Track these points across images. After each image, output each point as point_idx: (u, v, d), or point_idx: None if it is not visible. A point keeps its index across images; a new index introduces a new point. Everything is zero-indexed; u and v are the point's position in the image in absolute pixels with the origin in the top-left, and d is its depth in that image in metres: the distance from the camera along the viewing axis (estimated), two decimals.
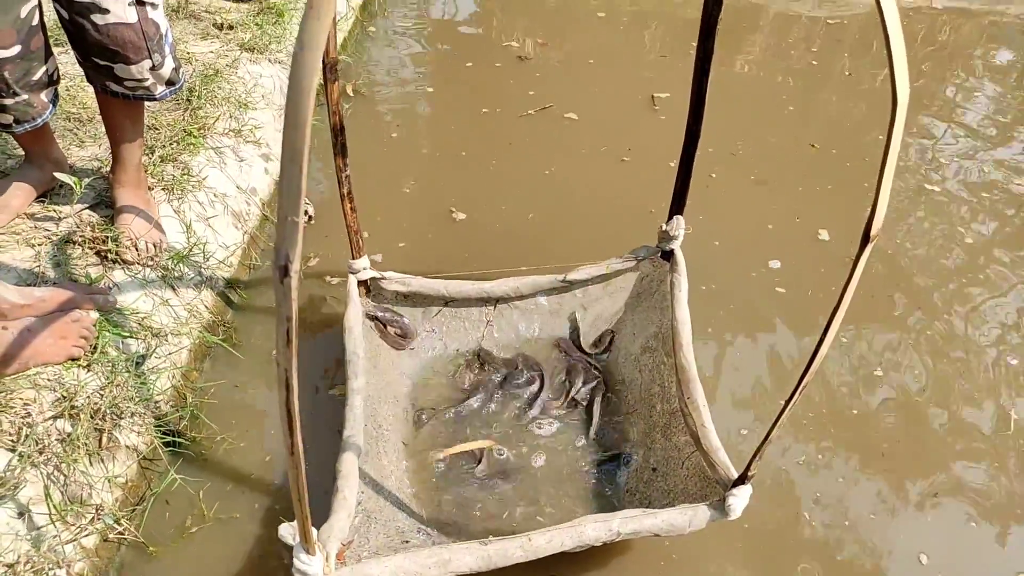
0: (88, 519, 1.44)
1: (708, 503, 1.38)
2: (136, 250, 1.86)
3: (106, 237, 1.84)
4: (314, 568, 1.11)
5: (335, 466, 1.39)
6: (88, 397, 1.55)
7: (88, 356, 1.62)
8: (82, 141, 2.21)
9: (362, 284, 1.83)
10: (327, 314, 2.12)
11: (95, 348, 1.64)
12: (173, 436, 1.68)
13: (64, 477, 1.44)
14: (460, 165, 2.82)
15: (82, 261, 1.81)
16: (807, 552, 1.65)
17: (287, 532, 1.12)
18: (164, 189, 2.10)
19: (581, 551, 1.38)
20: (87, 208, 1.96)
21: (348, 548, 1.28)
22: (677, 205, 1.83)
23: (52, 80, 1.69)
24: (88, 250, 1.83)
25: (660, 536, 1.39)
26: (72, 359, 1.59)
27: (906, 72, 0.82)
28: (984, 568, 1.66)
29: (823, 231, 2.58)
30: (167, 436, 1.66)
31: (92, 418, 1.52)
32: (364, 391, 1.57)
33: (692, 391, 1.58)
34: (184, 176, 2.16)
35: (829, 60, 3.88)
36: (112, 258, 1.83)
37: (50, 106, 1.72)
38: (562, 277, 1.93)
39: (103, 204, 1.98)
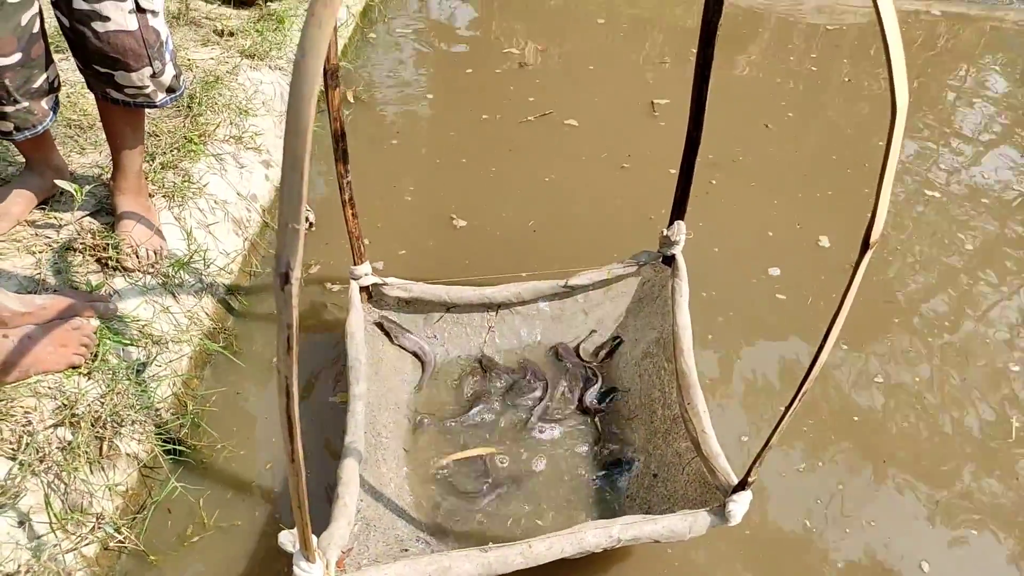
0: (89, 528, 1.43)
1: (709, 509, 1.38)
2: (137, 257, 1.86)
3: (107, 244, 1.84)
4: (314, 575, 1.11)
5: (335, 473, 1.39)
6: (89, 405, 1.55)
7: (89, 364, 1.62)
8: (83, 148, 2.21)
9: (364, 290, 1.83)
10: (328, 321, 2.11)
11: (96, 356, 1.63)
12: (174, 444, 1.67)
13: (65, 485, 1.44)
14: (460, 172, 2.82)
15: (83, 268, 1.81)
16: (808, 559, 1.65)
17: (287, 539, 1.12)
18: (165, 196, 2.10)
19: (582, 557, 1.37)
20: (88, 215, 1.96)
21: (348, 555, 1.28)
22: (678, 210, 1.83)
23: (53, 87, 1.70)
24: (89, 257, 1.83)
25: (660, 542, 1.38)
26: (73, 367, 1.59)
27: (905, 79, 0.82)
28: None
29: (823, 238, 2.58)
30: (168, 444, 1.66)
31: (93, 426, 1.52)
32: (366, 397, 1.57)
33: (693, 397, 1.58)
34: (185, 183, 2.16)
35: (828, 66, 3.88)
36: (113, 265, 1.83)
37: (51, 113, 1.72)
38: (564, 282, 1.93)
39: (104, 211, 1.98)
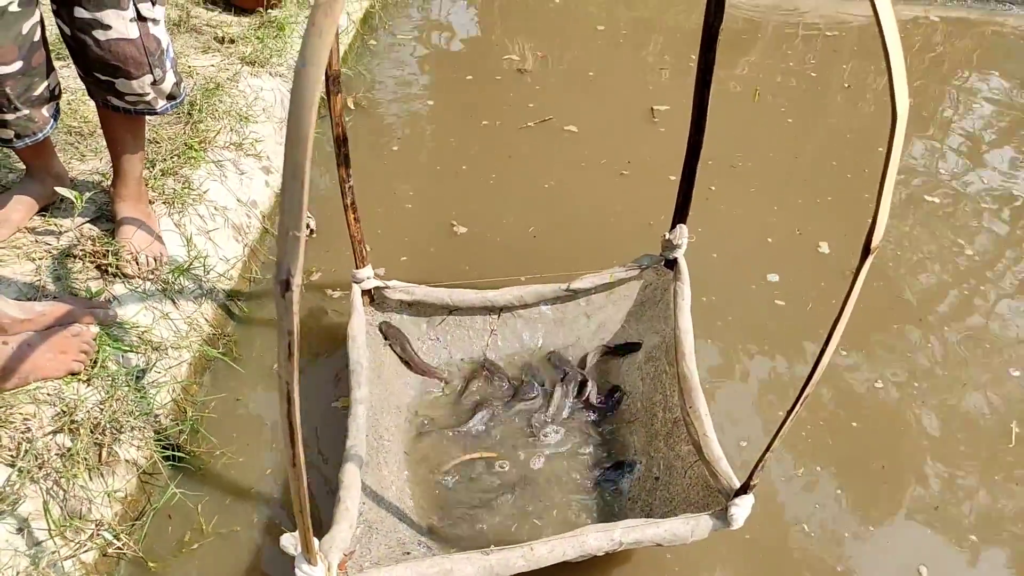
0: (88, 534, 1.43)
1: (711, 512, 1.38)
2: (137, 264, 1.86)
3: (107, 251, 1.84)
4: None
5: (337, 476, 1.39)
6: (88, 411, 1.54)
7: (88, 370, 1.61)
8: (83, 155, 2.21)
9: (366, 293, 1.83)
10: (328, 327, 2.11)
11: (95, 362, 1.63)
12: (173, 450, 1.67)
13: (64, 492, 1.43)
14: (460, 178, 2.83)
15: (82, 275, 1.81)
16: (807, 564, 1.64)
17: (289, 542, 1.11)
18: (165, 203, 2.10)
19: (583, 560, 1.37)
20: (88, 222, 1.96)
21: (350, 558, 1.28)
22: (680, 214, 1.83)
23: (53, 95, 1.70)
24: (88, 264, 1.83)
25: (662, 545, 1.38)
26: (72, 373, 1.59)
27: (905, 85, 0.82)
28: None
29: (823, 243, 2.58)
30: (167, 450, 1.66)
31: (92, 433, 1.52)
32: (367, 401, 1.56)
33: (694, 400, 1.58)
34: (185, 189, 2.16)
35: (828, 72, 3.89)
36: (113, 272, 1.83)
37: (51, 121, 1.72)
38: (566, 286, 1.94)
39: (104, 218, 1.98)
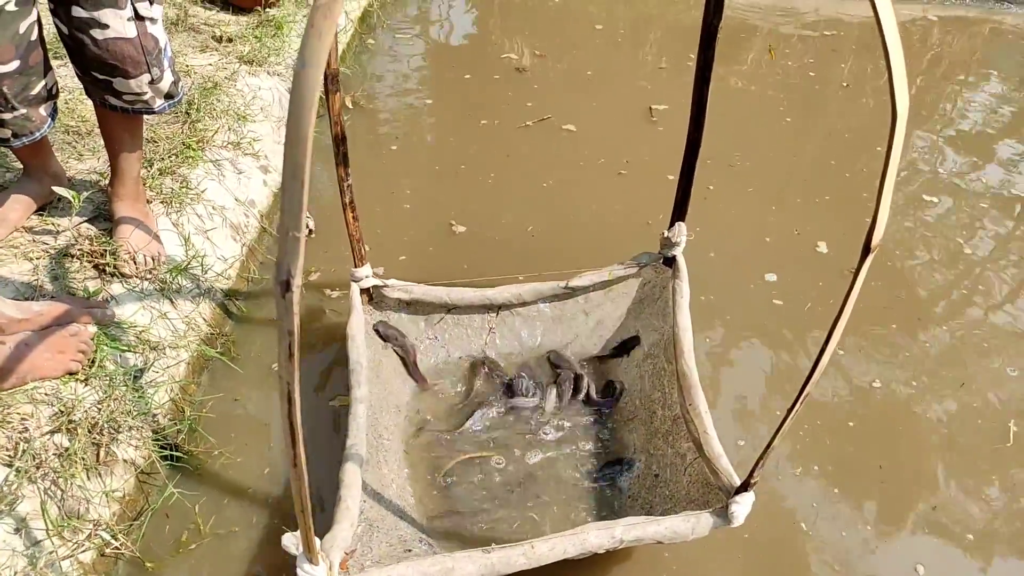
0: (85, 534, 1.43)
1: (711, 510, 1.38)
2: (134, 263, 1.85)
3: (104, 250, 1.84)
4: None
5: (337, 475, 1.39)
6: (86, 411, 1.54)
7: (86, 370, 1.61)
8: (81, 154, 2.21)
9: (365, 292, 1.83)
10: (326, 326, 2.11)
11: (93, 362, 1.63)
12: (171, 450, 1.67)
13: (61, 492, 1.43)
14: (459, 177, 2.82)
15: (80, 275, 1.80)
16: (805, 562, 1.65)
17: (290, 542, 1.11)
18: (163, 202, 2.10)
19: (584, 558, 1.37)
20: (85, 221, 1.95)
21: (351, 557, 1.28)
22: (679, 212, 1.84)
23: (51, 94, 1.69)
24: (86, 263, 1.83)
25: (662, 543, 1.38)
26: (70, 373, 1.58)
27: (905, 85, 0.82)
28: None
29: (821, 243, 2.58)
30: (165, 450, 1.65)
31: (90, 432, 1.52)
32: (367, 400, 1.56)
33: (694, 398, 1.58)
34: (183, 189, 2.16)
35: (827, 71, 3.89)
36: (110, 271, 1.83)
37: (49, 120, 1.72)
38: (564, 284, 1.94)
39: (101, 217, 1.98)
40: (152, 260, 1.90)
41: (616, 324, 2.02)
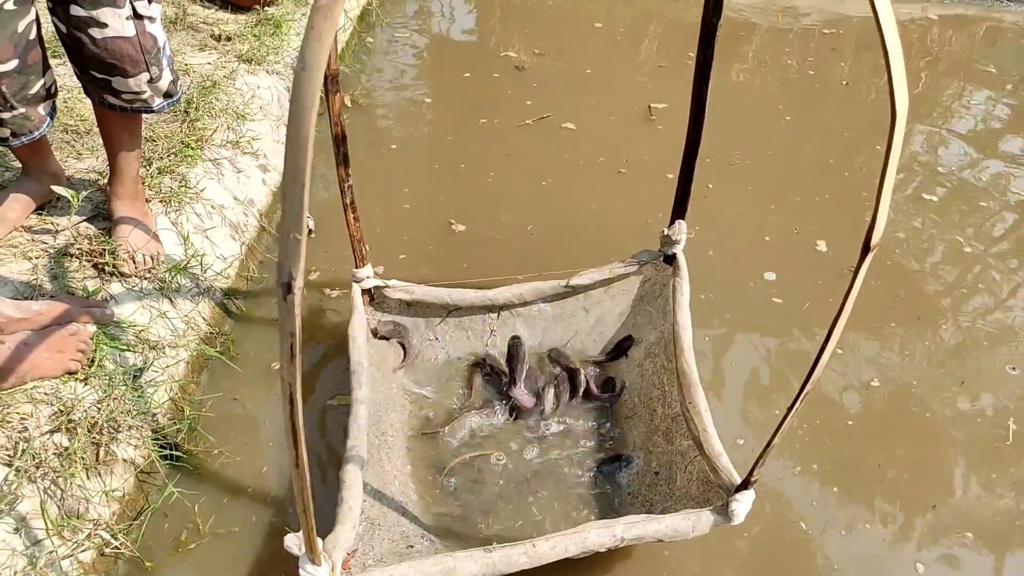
0: (85, 534, 1.43)
1: (712, 508, 1.38)
2: (133, 262, 1.85)
3: (103, 250, 1.83)
4: None
5: (339, 475, 1.39)
6: (85, 411, 1.54)
7: (85, 370, 1.61)
8: (79, 153, 2.20)
9: (366, 293, 1.83)
10: (326, 326, 2.11)
11: (92, 361, 1.63)
12: (171, 449, 1.67)
13: (61, 491, 1.43)
14: (458, 176, 2.82)
15: (79, 274, 1.80)
16: (805, 561, 1.65)
17: (293, 542, 1.11)
18: (162, 201, 2.10)
19: (584, 557, 1.38)
20: (84, 221, 1.95)
21: (353, 556, 1.28)
22: (679, 210, 1.84)
23: (50, 93, 1.69)
24: (85, 263, 1.82)
25: (663, 541, 1.39)
26: (69, 373, 1.58)
27: (904, 84, 0.82)
28: None
29: (821, 242, 2.58)
30: (165, 449, 1.65)
31: (89, 432, 1.52)
32: (368, 400, 1.56)
33: (694, 396, 1.58)
34: (182, 188, 2.16)
35: (826, 70, 3.89)
36: (109, 271, 1.83)
37: (47, 119, 1.72)
38: (565, 282, 1.94)
39: (100, 217, 1.97)
40: (151, 259, 1.89)
41: (616, 322, 2.02)
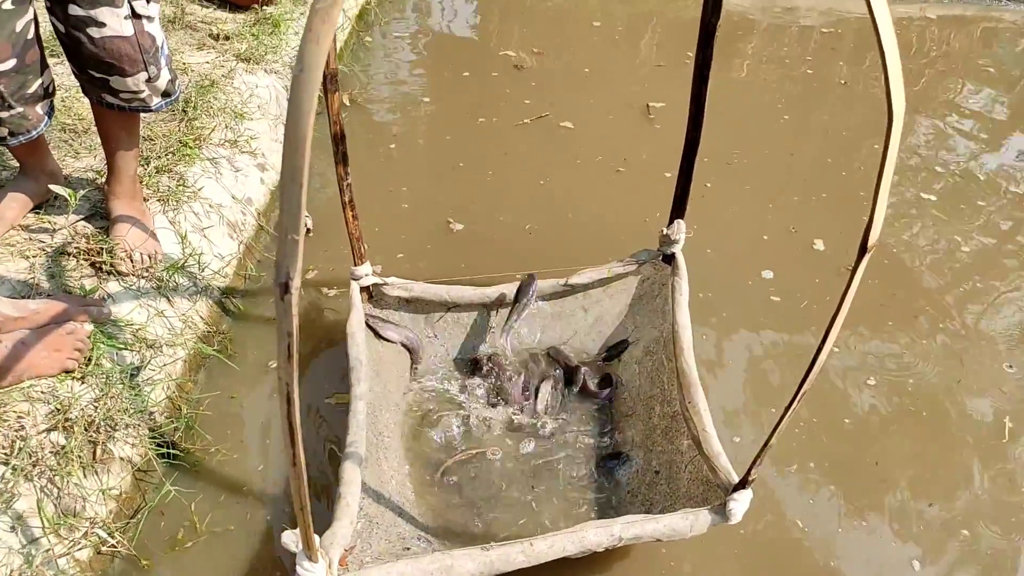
0: (82, 532, 1.43)
1: (710, 508, 1.39)
2: (131, 261, 1.85)
3: (101, 248, 1.83)
4: (317, 575, 1.11)
5: (335, 473, 1.39)
6: (82, 409, 1.54)
7: (82, 368, 1.61)
8: (77, 152, 2.20)
9: (364, 290, 1.83)
10: (323, 325, 2.11)
11: (89, 360, 1.63)
12: (167, 448, 1.67)
13: (58, 490, 1.43)
14: (457, 175, 2.82)
15: (77, 273, 1.80)
16: (802, 559, 1.65)
17: (290, 539, 1.11)
18: (159, 200, 2.09)
19: (582, 556, 1.38)
20: (82, 219, 1.95)
21: (350, 553, 1.28)
22: (678, 209, 1.84)
23: (47, 93, 1.69)
24: (83, 262, 1.82)
25: (661, 540, 1.39)
26: (66, 371, 1.58)
27: (901, 84, 0.82)
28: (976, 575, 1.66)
29: (818, 241, 2.58)
30: (161, 448, 1.65)
31: (86, 430, 1.52)
32: (367, 397, 1.57)
33: (693, 395, 1.58)
34: (179, 187, 2.15)
35: (824, 69, 3.89)
36: (107, 269, 1.82)
37: (45, 118, 1.71)
38: (564, 281, 1.94)
39: (98, 215, 1.97)
40: (149, 258, 1.89)
41: (615, 321, 2.02)
